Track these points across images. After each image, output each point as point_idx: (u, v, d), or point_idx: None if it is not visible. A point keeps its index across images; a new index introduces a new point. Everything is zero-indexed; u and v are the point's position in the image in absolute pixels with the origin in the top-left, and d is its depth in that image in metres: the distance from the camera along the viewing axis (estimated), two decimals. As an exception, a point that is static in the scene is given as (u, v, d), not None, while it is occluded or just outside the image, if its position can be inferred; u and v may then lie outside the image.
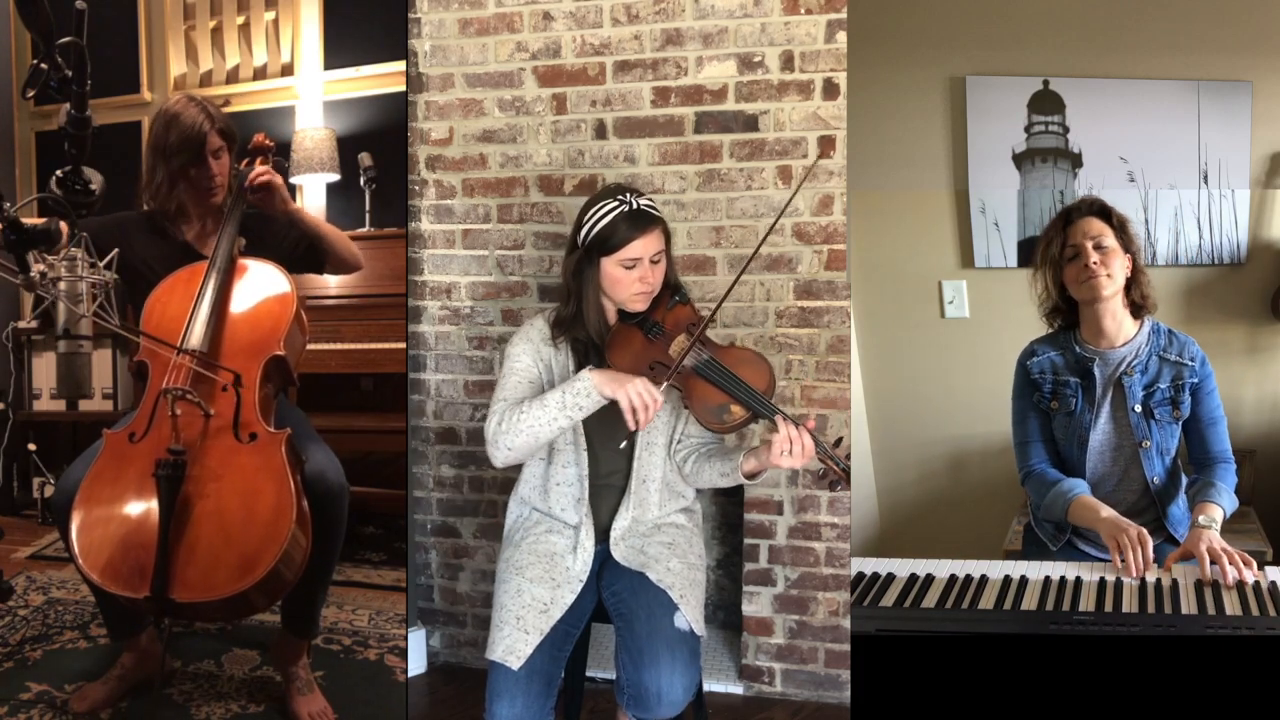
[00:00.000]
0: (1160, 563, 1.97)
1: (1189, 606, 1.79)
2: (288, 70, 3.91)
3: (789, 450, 1.81)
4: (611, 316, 1.99)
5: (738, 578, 2.76)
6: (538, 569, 1.95)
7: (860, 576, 1.97)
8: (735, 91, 2.58)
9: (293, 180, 3.72)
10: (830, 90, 2.53)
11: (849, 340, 2.60)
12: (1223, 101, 2.91)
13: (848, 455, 1.86)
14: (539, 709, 1.84)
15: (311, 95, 3.86)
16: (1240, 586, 1.84)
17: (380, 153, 3.62)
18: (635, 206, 1.90)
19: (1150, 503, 2.18)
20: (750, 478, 1.93)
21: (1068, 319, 2.22)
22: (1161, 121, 2.93)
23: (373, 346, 3.38)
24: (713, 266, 2.62)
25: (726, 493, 2.92)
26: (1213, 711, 1.67)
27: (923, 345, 3.11)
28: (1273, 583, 1.86)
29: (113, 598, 1.88)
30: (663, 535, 2.03)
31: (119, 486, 1.90)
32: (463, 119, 2.76)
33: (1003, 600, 1.86)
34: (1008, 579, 1.94)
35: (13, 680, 2.44)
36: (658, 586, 1.92)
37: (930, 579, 1.95)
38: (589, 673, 2.20)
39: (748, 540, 2.67)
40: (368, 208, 3.64)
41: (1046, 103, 2.97)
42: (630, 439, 1.85)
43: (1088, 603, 1.83)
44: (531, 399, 1.90)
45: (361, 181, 3.63)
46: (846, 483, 1.85)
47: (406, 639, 2.76)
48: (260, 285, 2.17)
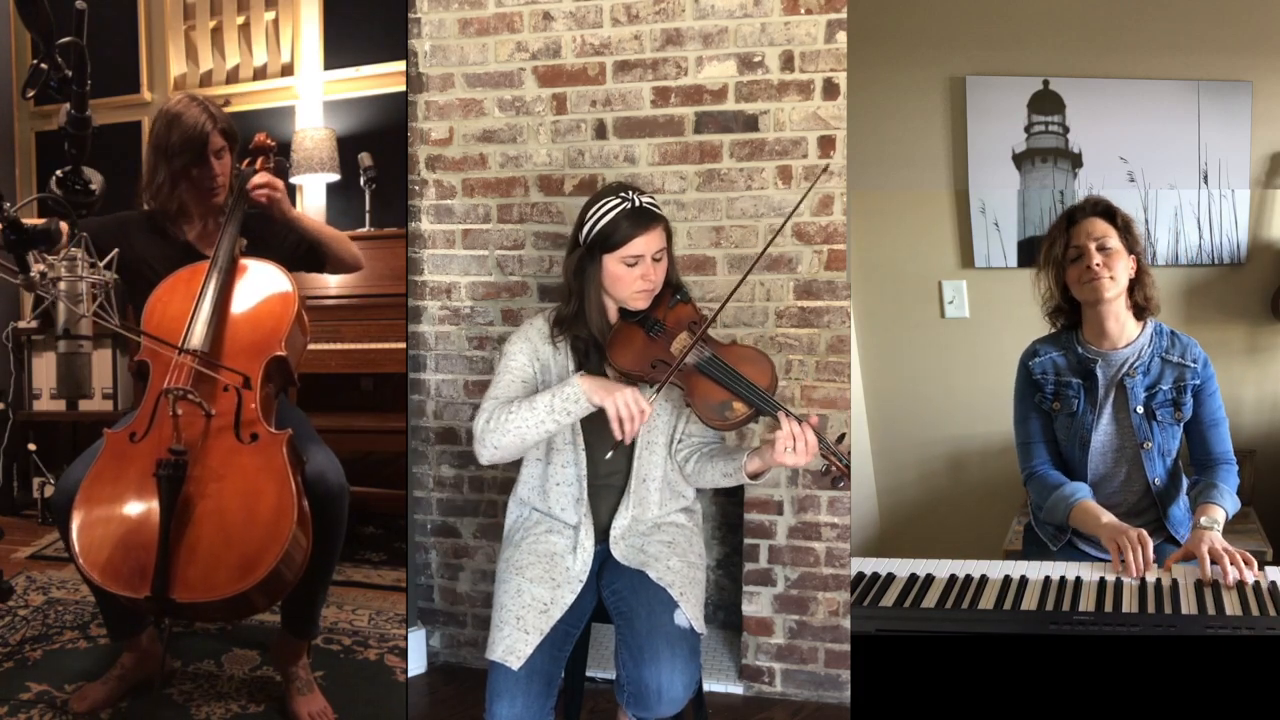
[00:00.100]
0: (1161, 563, 1.97)
1: (1189, 607, 1.79)
2: (288, 70, 3.91)
3: (792, 447, 1.80)
4: (613, 315, 1.99)
5: (738, 577, 2.76)
6: (538, 569, 1.95)
7: (860, 576, 1.97)
8: (735, 91, 2.58)
9: (293, 180, 3.72)
10: (830, 90, 2.53)
11: (849, 340, 2.59)
12: (1223, 101, 2.91)
13: (848, 453, 1.86)
14: (539, 709, 1.84)
15: (311, 95, 3.86)
16: (1240, 586, 1.84)
17: (380, 153, 3.62)
18: (637, 204, 1.90)
19: (1151, 504, 2.18)
20: (754, 477, 1.93)
21: (1070, 319, 2.21)
22: (1161, 121, 2.93)
23: (373, 346, 3.38)
24: (713, 266, 2.62)
25: (726, 492, 2.91)
26: (1213, 711, 1.67)
27: (923, 345, 3.11)
28: (1273, 583, 1.86)
29: (113, 598, 1.88)
30: (663, 534, 2.03)
31: (119, 486, 1.90)
32: (463, 119, 2.76)
33: (1003, 600, 1.86)
34: (1008, 579, 1.94)
35: (13, 680, 2.43)
36: (658, 584, 1.92)
37: (930, 579, 1.95)
38: (589, 672, 2.20)
39: (748, 540, 2.66)
40: (368, 208, 3.64)
41: (1046, 103, 2.97)
42: (616, 448, 1.84)
43: (1088, 603, 1.83)
44: (522, 400, 1.90)
45: (361, 181, 3.63)
46: (848, 480, 1.85)
47: (406, 639, 2.76)
48: (261, 285, 2.17)
